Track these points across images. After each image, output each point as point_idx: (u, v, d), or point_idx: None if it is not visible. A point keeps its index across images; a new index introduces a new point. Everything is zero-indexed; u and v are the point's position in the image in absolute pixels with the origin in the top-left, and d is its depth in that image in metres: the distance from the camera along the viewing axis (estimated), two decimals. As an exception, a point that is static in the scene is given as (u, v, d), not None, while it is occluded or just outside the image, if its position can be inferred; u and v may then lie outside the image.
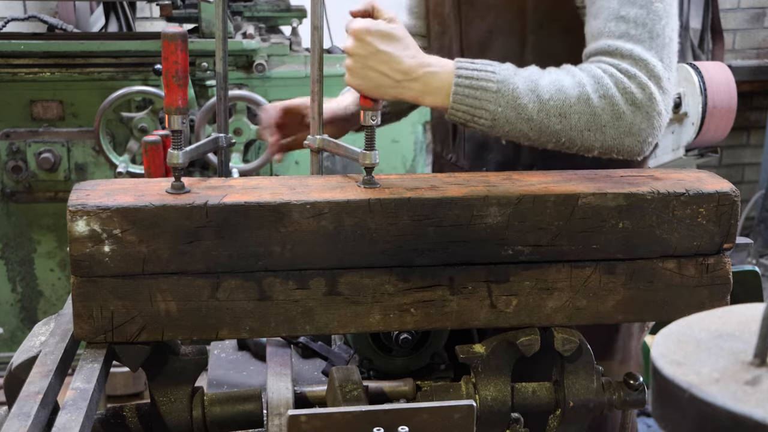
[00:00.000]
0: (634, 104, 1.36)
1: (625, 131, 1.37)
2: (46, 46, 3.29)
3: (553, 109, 1.36)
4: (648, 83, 1.36)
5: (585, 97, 1.36)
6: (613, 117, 1.36)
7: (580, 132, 1.37)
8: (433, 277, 1.32)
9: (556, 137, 1.39)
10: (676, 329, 0.78)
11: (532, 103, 1.36)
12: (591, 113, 1.36)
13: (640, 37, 1.37)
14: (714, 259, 1.37)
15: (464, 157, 1.72)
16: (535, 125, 1.37)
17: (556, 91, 1.36)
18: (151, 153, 2.06)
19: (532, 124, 1.37)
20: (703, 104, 3.65)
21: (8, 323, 3.53)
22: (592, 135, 1.38)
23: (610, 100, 1.35)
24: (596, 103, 1.36)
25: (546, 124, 1.37)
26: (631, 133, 1.38)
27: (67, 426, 1.06)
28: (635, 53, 1.37)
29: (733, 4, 5.26)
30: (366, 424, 1.15)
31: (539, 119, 1.37)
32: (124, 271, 1.25)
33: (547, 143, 1.41)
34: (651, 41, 1.37)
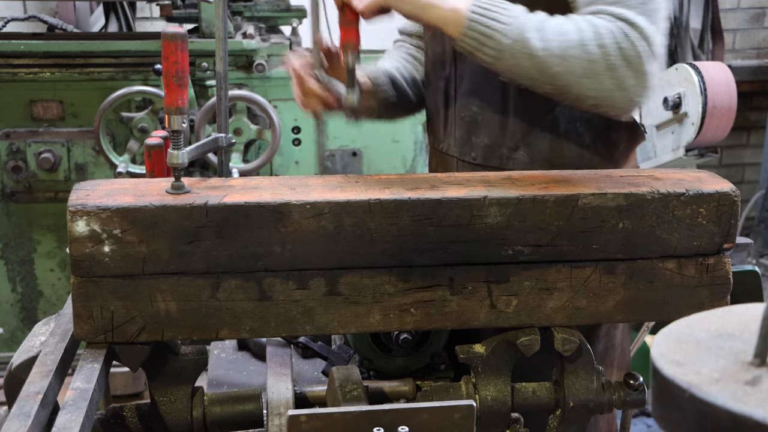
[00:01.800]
0: (627, 60, 1.40)
1: (617, 84, 1.41)
2: (46, 46, 3.29)
3: (555, 49, 1.41)
4: (640, 43, 1.40)
5: (584, 43, 1.41)
6: (607, 68, 1.40)
7: (577, 78, 1.42)
8: (433, 277, 1.31)
9: (555, 80, 1.43)
10: (676, 329, 0.78)
11: (537, 41, 1.41)
12: (588, 60, 1.40)
13: (631, 2, 1.42)
14: (714, 259, 1.37)
15: (454, 144, 1.74)
16: (536, 63, 1.41)
17: (559, 34, 1.42)
18: (154, 157, 2.05)
19: (534, 61, 1.42)
20: (703, 104, 3.65)
21: (8, 323, 3.53)
22: (588, 82, 1.42)
23: (605, 50, 1.40)
24: (594, 51, 1.40)
25: (547, 64, 1.41)
26: (622, 88, 1.41)
27: (67, 426, 1.06)
28: (627, 16, 1.41)
29: (733, 4, 5.26)
30: (366, 424, 1.15)
31: (541, 58, 1.41)
32: (124, 271, 1.25)
33: (545, 85, 1.46)
34: (642, 6, 1.42)
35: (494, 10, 1.43)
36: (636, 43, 1.40)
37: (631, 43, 1.40)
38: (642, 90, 1.42)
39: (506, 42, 1.42)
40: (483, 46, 1.43)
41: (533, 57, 1.41)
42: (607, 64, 1.40)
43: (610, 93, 1.42)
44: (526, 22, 1.42)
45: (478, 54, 1.44)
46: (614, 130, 1.63)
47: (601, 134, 1.63)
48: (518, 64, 1.43)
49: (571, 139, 1.60)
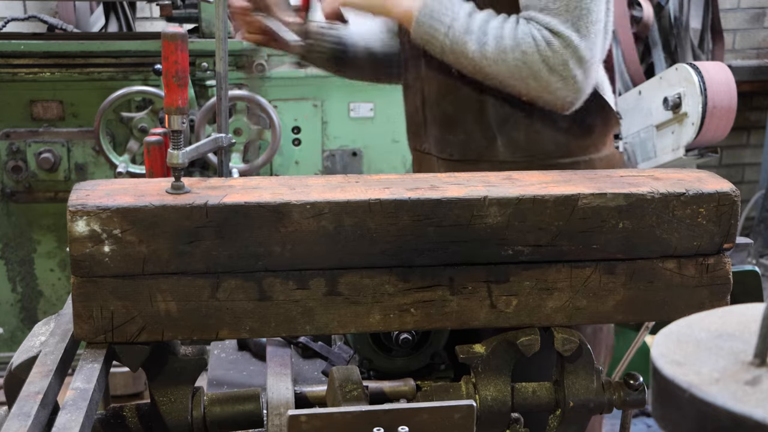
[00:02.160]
0: (549, 66, 1.54)
1: (544, 88, 1.55)
2: (46, 46, 3.29)
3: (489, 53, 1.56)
4: (563, 51, 1.52)
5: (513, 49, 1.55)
6: (531, 74, 1.55)
7: (506, 79, 1.57)
8: (433, 277, 1.31)
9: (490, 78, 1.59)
10: (676, 329, 0.78)
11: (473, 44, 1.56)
12: (515, 66, 1.55)
13: (557, 10, 1.53)
14: (714, 259, 1.37)
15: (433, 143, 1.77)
16: (472, 63, 1.58)
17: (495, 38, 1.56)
18: (153, 153, 2.05)
19: (469, 62, 1.58)
20: (703, 104, 3.65)
21: (8, 323, 3.53)
22: (517, 84, 1.57)
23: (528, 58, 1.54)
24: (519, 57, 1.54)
25: (481, 65, 1.58)
26: (549, 91, 1.56)
27: (67, 426, 1.06)
28: (551, 25, 1.53)
29: (733, 4, 5.26)
30: (366, 424, 1.15)
31: (476, 60, 1.57)
32: (124, 272, 1.25)
33: (484, 80, 1.62)
34: (567, 14, 1.53)
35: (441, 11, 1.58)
36: (559, 51, 1.52)
37: (553, 51, 1.52)
38: (572, 92, 1.56)
39: (447, 43, 1.59)
40: (429, 45, 1.61)
41: (469, 59, 1.58)
42: (531, 70, 1.54)
43: (539, 94, 1.57)
44: (467, 24, 1.57)
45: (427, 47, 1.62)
46: (588, 115, 1.69)
47: (576, 120, 1.68)
48: (458, 62, 1.61)
49: (546, 126, 1.68)
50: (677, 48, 4.54)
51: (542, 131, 1.69)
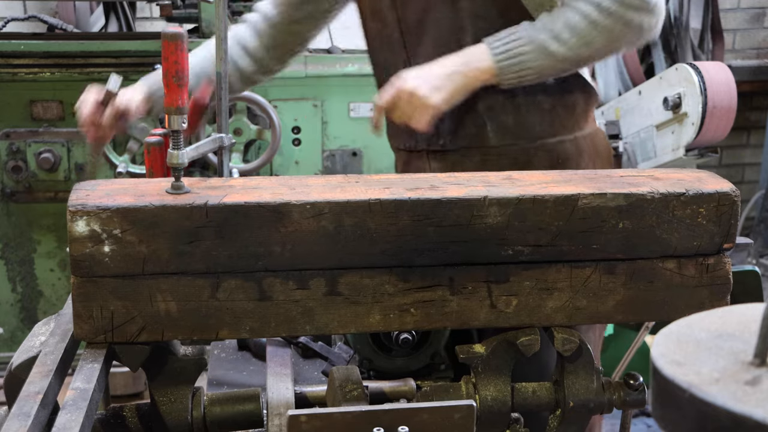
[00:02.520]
0: (633, 8, 1.56)
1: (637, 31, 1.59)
2: (46, 46, 3.29)
3: (576, 44, 1.59)
4: None
5: (595, 23, 1.57)
6: (624, 27, 1.58)
7: (606, 48, 1.62)
8: (433, 277, 1.31)
9: (590, 60, 1.65)
10: (676, 329, 0.78)
11: (559, 47, 1.59)
12: (607, 32, 1.58)
13: None
14: (714, 259, 1.37)
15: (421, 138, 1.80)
16: (569, 60, 1.61)
17: (571, 29, 1.58)
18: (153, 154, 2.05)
19: (567, 62, 1.62)
20: (703, 104, 3.65)
21: (8, 323, 3.53)
22: (616, 45, 1.62)
23: (615, 15, 1.56)
24: (606, 23, 1.57)
25: (577, 56, 1.61)
26: (643, 30, 1.60)
27: (67, 426, 1.06)
28: None
29: (733, 4, 5.26)
30: (366, 424, 1.15)
31: (570, 56, 1.60)
32: (124, 272, 1.25)
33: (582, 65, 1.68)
34: None
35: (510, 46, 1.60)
36: None
37: None
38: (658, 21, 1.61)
39: (537, 64, 1.60)
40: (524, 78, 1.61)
41: (565, 60, 1.61)
42: (624, 23, 1.57)
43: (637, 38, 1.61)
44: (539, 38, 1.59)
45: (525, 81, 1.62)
46: (569, 93, 1.75)
47: (559, 99, 1.73)
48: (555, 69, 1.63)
49: (532, 108, 1.73)
50: (677, 48, 4.54)
51: (528, 113, 1.73)
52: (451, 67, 1.61)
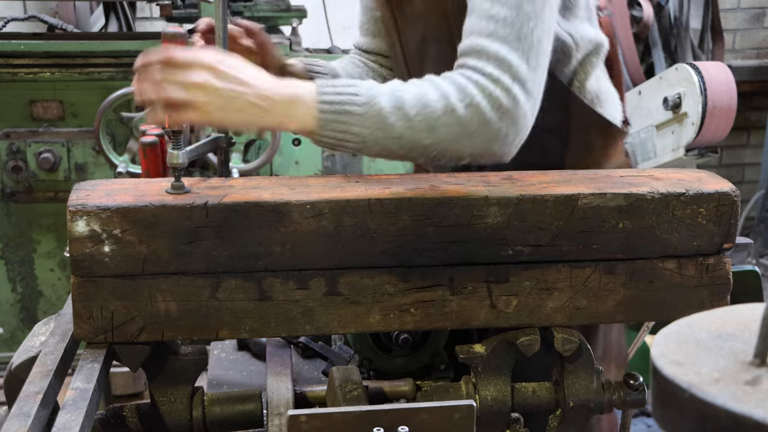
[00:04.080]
0: (500, 110, 1.32)
1: (493, 137, 1.33)
2: (46, 46, 3.29)
3: (420, 124, 1.32)
4: (512, 87, 1.33)
5: (450, 108, 1.32)
6: (480, 125, 1.33)
7: (449, 143, 1.34)
8: (433, 277, 1.31)
9: (426, 151, 1.35)
10: (676, 329, 0.78)
11: (399, 121, 1.32)
12: (458, 124, 1.32)
13: (507, 37, 1.34)
14: (714, 259, 1.37)
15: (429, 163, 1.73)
16: (404, 143, 1.34)
17: (422, 107, 1.32)
18: (150, 155, 2.05)
19: (401, 142, 1.33)
20: (703, 104, 3.65)
21: (8, 323, 3.53)
22: (461, 144, 1.34)
23: (476, 108, 1.32)
24: (462, 113, 1.32)
25: (415, 140, 1.33)
26: (499, 139, 1.34)
27: (67, 426, 1.06)
28: (500, 54, 1.34)
29: (733, 4, 5.26)
30: (366, 424, 1.15)
31: (408, 136, 1.33)
32: (124, 272, 1.25)
33: (418, 157, 1.39)
34: (518, 42, 1.34)
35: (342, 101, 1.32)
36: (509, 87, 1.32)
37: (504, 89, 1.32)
38: (520, 133, 1.36)
39: (366, 132, 1.32)
40: (343, 143, 1.33)
41: (400, 138, 1.33)
42: (480, 121, 1.32)
43: (488, 146, 1.35)
44: (381, 103, 1.32)
45: (341, 149, 1.35)
46: (583, 133, 1.59)
47: (569, 140, 1.59)
48: (385, 148, 1.35)
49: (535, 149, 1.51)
50: (677, 48, 4.54)
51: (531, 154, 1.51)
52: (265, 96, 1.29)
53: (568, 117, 1.57)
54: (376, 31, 1.83)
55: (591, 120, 1.58)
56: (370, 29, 1.85)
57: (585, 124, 1.57)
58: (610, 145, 1.64)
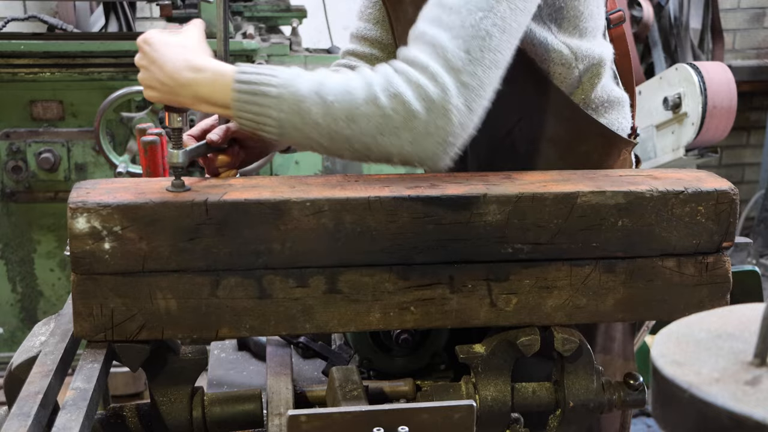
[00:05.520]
0: (427, 99, 1.22)
1: (422, 132, 1.24)
2: (46, 46, 3.29)
3: (339, 112, 1.25)
4: (441, 75, 1.23)
5: (373, 97, 1.24)
6: (405, 117, 1.23)
7: (373, 137, 1.25)
8: (433, 275, 1.31)
9: (349, 143, 1.27)
10: (676, 329, 0.78)
11: (316, 106, 1.25)
12: (381, 115, 1.24)
13: (449, 24, 1.26)
14: (713, 257, 1.37)
15: None
16: (323, 131, 1.26)
17: (342, 93, 1.25)
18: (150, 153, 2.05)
19: (320, 130, 1.26)
20: (703, 104, 3.65)
21: (8, 323, 3.53)
22: (387, 139, 1.25)
23: (400, 98, 1.23)
24: (385, 103, 1.23)
25: (334, 129, 1.26)
26: (428, 133, 1.24)
27: (67, 426, 1.06)
28: (437, 40, 1.25)
29: (733, 4, 5.26)
30: (366, 424, 1.15)
31: (326, 124, 1.25)
32: (124, 269, 1.25)
33: (342, 151, 1.30)
34: (460, 29, 1.25)
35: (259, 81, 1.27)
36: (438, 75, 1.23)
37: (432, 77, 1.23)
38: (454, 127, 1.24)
39: (282, 116, 1.26)
40: (262, 126, 1.28)
41: (317, 126, 1.26)
42: (405, 111, 1.23)
43: (417, 144, 1.25)
44: (298, 86, 1.26)
45: (261, 133, 1.30)
46: (583, 143, 1.55)
47: (568, 149, 1.55)
48: (304, 135, 1.28)
49: (534, 159, 1.50)
50: (677, 48, 4.54)
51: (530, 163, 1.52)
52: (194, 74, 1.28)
53: (568, 128, 1.54)
54: (380, 17, 1.77)
55: (588, 128, 1.54)
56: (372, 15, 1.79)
57: (582, 132, 1.54)
58: (614, 156, 1.60)
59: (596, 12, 1.54)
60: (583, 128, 1.53)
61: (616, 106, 1.62)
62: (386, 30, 1.76)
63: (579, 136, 1.54)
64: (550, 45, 1.48)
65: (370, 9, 1.79)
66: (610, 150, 1.59)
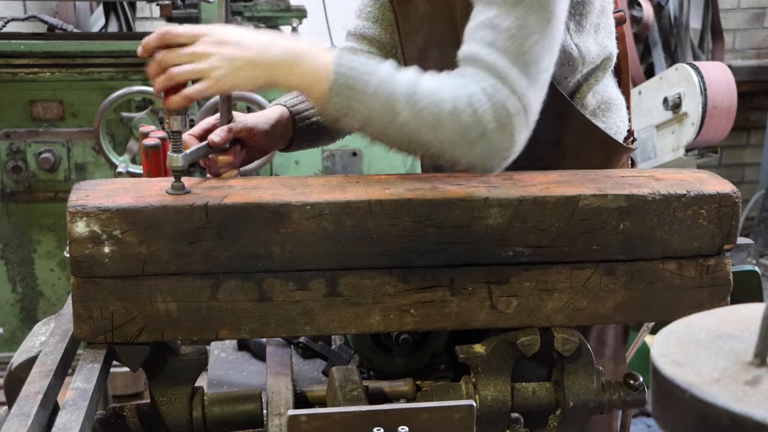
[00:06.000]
0: (500, 123, 1.31)
1: (491, 150, 1.33)
2: (46, 46, 3.29)
3: (426, 119, 1.31)
4: (512, 101, 1.32)
5: (457, 112, 1.31)
6: (480, 135, 1.32)
7: (451, 145, 1.33)
8: (433, 278, 1.31)
9: (426, 147, 1.35)
10: (676, 329, 0.78)
11: (406, 110, 1.31)
12: (460, 129, 1.31)
13: (507, 49, 1.32)
14: (714, 260, 1.37)
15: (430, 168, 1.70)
16: (406, 133, 1.33)
17: (431, 102, 1.31)
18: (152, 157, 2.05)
19: (403, 131, 1.33)
20: (703, 104, 3.65)
21: (8, 323, 3.53)
22: (460, 149, 1.33)
23: (479, 118, 1.31)
24: (466, 120, 1.31)
25: (418, 133, 1.32)
26: (496, 153, 1.34)
27: (67, 426, 1.06)
28: (499, 67, 1.32)
29: (733, 4, 5.26)
30: (366, 424, 1.15)
31: (411, 128, 1.32)
32: (124, 272, 1.25)
33: (415, 150, 1.39)
34: (518, 56, 1.32)
35: (361, 70, 1.32)
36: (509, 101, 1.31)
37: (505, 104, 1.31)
38: (515, 147, 1.35)
39: (373, 113, 1.31)
40: (351, 111, 1.32)
41: (403, 126, 1.32)
42: (481, 131, 1.31)
43: (484, 158, 1.34)
44: (396, 86, 1.32)
45: (345, 120, 1.34)
46: (584, 148, 1.57)
47: (570, 153, 1.57)
48: (385, 133, 1.34)
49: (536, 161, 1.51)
50: (677, 48, 4.54)
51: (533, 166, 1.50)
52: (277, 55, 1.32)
53: (567, 130, 1.55)
54: (379, 16, 1.77)
55: (591, 134, 1.55)
56: (372, 14, 1.79)
57: (585, 138, 1.55)
58: (611, 160, 1.62)
59: (608, 8, 1.55)
60: (586, 135, 1.54)
61: (614, 109, 1.62)
62: (385, 29, 1.76)
63: (582, 142, 1.55)
64: (562, 47, 1.47)
65: (370, 7, 1.78)
66: (611, 156, 1.60)
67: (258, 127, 1.53)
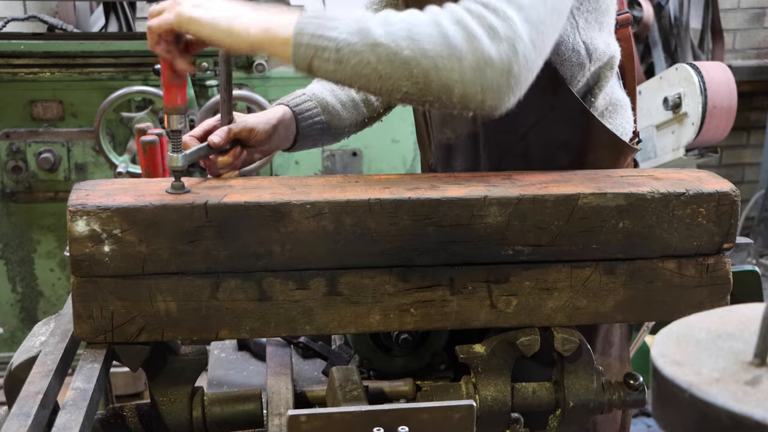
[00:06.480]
0: (491, 27, 1.18)
1: (485, 57, 1.18)
2: (46, 46, 3.29)
3: (400, 30, 1.20)
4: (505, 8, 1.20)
5: (436, 21, 1.20)
6: (467, 39, 1.18)
7: (433, 60, 1.19)
8: (433, 277, 1.31)
9: (408, 69, 1.20)
10: (676, 329, 0.78)
11: (378, 27, 1.21)
12: (442, 35, 1.19)
13: None
14: (714, 259, 1.37)
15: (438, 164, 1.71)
16: (382, 52, 1.20)
17: (405, 16, 1.22)
18: (150, 153, 2.05)
19: (379, 51, 1.20)
20: (703, 104, 3.65)
21: (8, 323, 3.53)
22: (448, 63, 1.18)
23: (462, 23, 1.19)
24: (447, 25, 1.19)
25: (394, 50, 1.19)
26: (492, 59, 1.18)
27: (67, 426, 1.06)
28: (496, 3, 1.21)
29: (733, 4, 5.26)
30: (366, 424, 1.15)
31: (386, 44, 1.19)
32: (124, 272, 1.25)
33: (400, 81, 1.22)
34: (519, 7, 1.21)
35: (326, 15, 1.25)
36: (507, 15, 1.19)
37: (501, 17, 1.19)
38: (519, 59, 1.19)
39: (343, 37, 1.21)
40: (319, 51, 1.22)
41: (378, 45, 1.20)
42: (469, 37, 1.18)
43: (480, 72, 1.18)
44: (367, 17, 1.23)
45: (317, 63, 1.23)
46: (593, 151, 1.55)
47: (579, 157, 1.55)
48: (362, 60, 1.21)
49: (545, 165, 1.50)
50: (677, 48, 4.54)
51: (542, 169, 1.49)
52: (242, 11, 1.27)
53: (579, 132, 1.53)
54: None
55: (601, 136, 1.53)
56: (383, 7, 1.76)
57: (595, 140, 1.53)
58: (618, 161, 1.60)
59: (611, 8, 1.55)
60: (595, 136, 1.53)
61: (620, 110, 1.61)
62: None
63: (590, 144, 1.54)
64: (570, 44, 1.47)
65: (377, 5, 1.78)
66: (618, 157, 1.59)
67: (259, 127, 1.53)
